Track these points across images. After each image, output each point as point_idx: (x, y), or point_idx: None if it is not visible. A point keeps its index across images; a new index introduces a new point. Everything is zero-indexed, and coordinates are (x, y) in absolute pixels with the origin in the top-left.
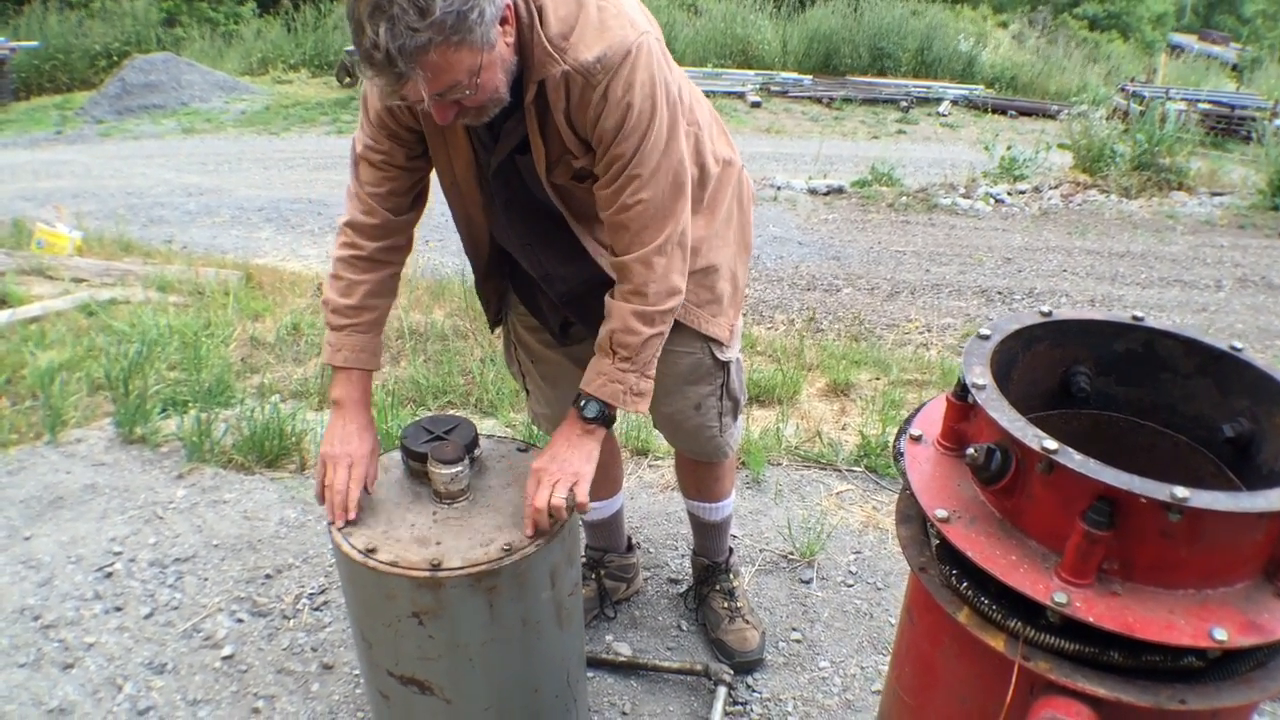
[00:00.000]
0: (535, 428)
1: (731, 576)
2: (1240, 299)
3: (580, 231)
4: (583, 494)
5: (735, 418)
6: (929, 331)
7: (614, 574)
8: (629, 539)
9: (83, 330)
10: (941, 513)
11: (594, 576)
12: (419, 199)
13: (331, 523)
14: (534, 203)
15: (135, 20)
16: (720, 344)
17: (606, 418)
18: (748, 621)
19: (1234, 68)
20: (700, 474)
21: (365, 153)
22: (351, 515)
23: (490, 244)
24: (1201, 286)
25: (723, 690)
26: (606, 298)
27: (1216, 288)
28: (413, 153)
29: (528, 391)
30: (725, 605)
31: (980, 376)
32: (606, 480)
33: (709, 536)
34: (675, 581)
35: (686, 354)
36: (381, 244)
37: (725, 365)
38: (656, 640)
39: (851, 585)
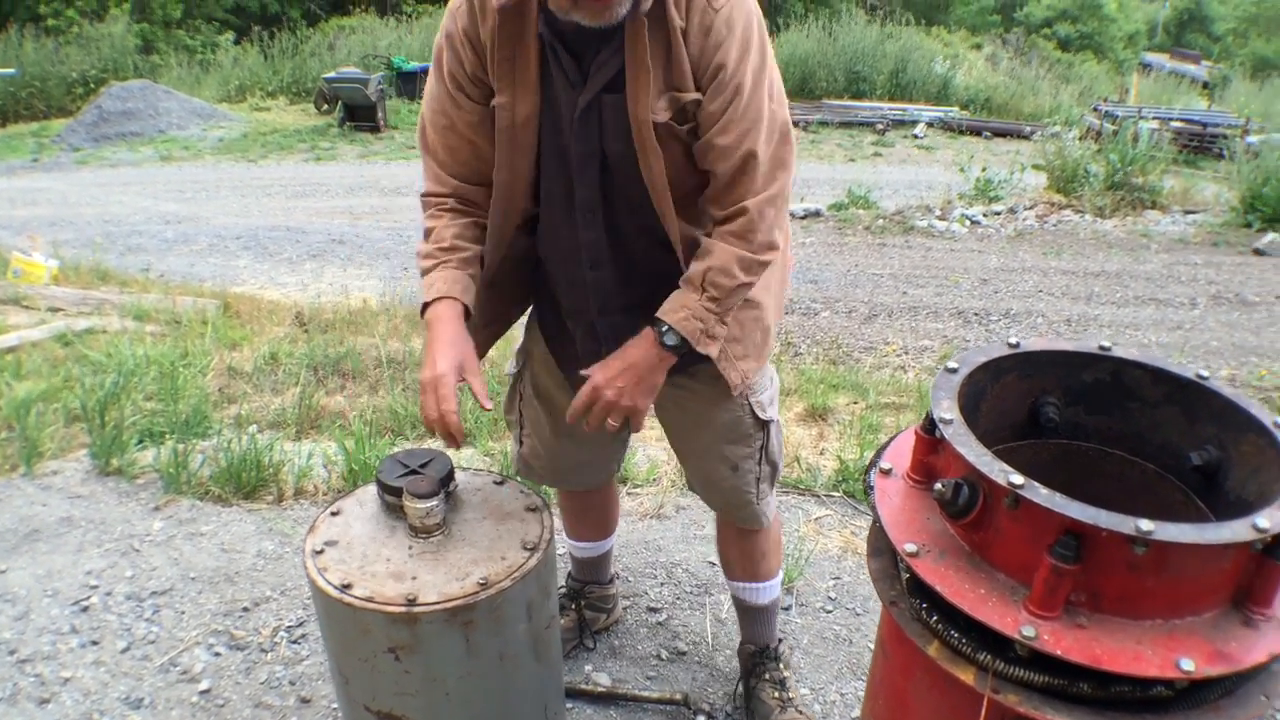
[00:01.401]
0: (513, 472)
1: (782, 666)
2: (1215, 316)
3: (656, 195)
4: (637, 427)
5: (772, 485)
6: (906, 354)
7: (594, 605)
8: (615, 574)
9: (59, 360)
10: (911, 547)
11: (574, 607)
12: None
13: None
14: (612, 156)
15: (112, 47)
16: (760, 402)
17: (681, 349)
18: (801, 713)
19: (1205, 85)
20: (745, 548)
21: (433, 118)
22: (458, 440)
23: (518, 226)
24: (1176, 304)
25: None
26: (705, 237)
27: (1191, 305)
28: (480, 117)
29: (520, 443)
30: (776, 696)
31: (947, 411)
32: (604, 523)
33: (757, 621)
34: (654, 610)
35: (723, 409)
36: (460, 200)
37: (766, 426)
38: (636, 670)
39: (830, 611)
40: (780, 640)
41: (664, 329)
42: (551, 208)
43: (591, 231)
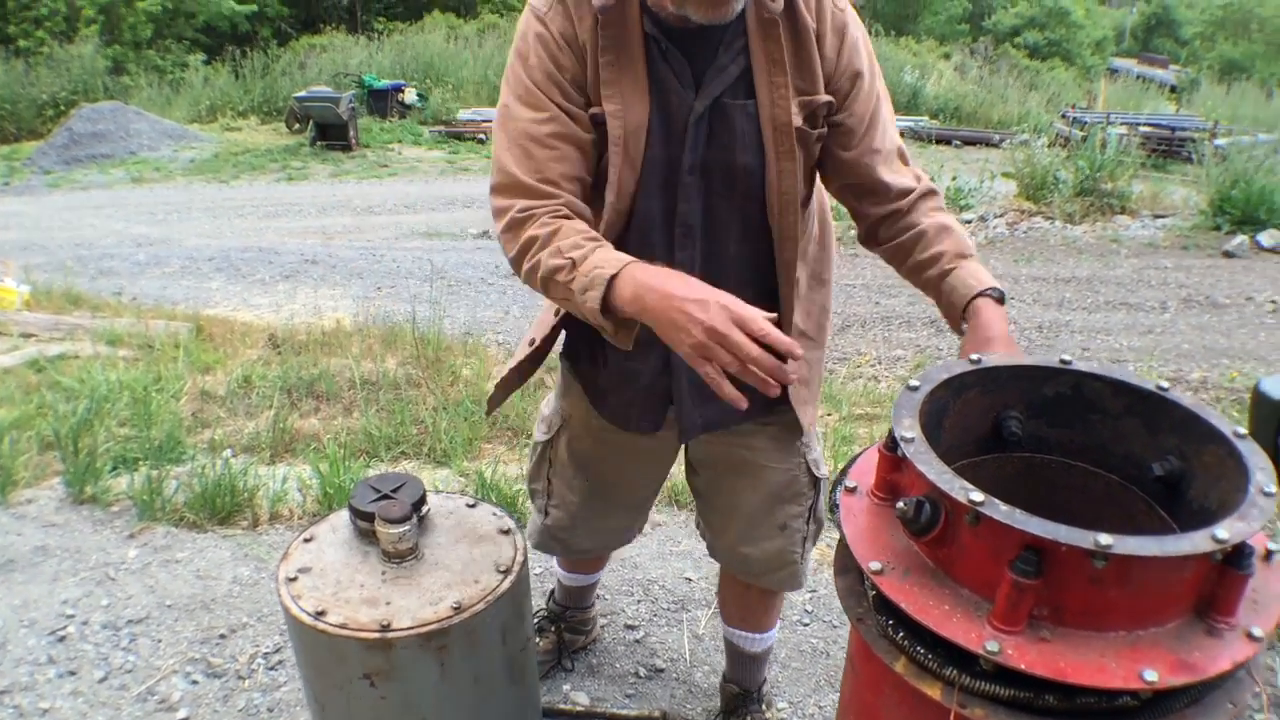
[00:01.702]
0: (531, 546)
1: (764, 707)
2: (1185, 319)
3: (782, 207)
4: None
5: (814, 544)
6: (879, 364)
7: (574, 627)
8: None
9: (32, 387)
10: (875, 565)
11: (554, 629)
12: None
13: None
14: (734, 167)
15: (82, 69)
16: (815, 459)
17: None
18: None
19: (1173, 89)
20: (752, 602)
21: (536, 128)
22: (799, 352)
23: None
24: (1147, 309)
25: None
26: (924, 219)
27: (1162, 309)
28: (586, 125)
29: (545, 514)
30: None
31: (909, 429)
32: (600, 560)
33: (747, 666)
34: (632, 627)
35: (782, 469)
36: (573, 211)
37: (818, 483)
38: (614, 688)
39: (807, 624)
40: (764, 680)
41: (990, 290)
42: (644, 226)
43: (686, 252)
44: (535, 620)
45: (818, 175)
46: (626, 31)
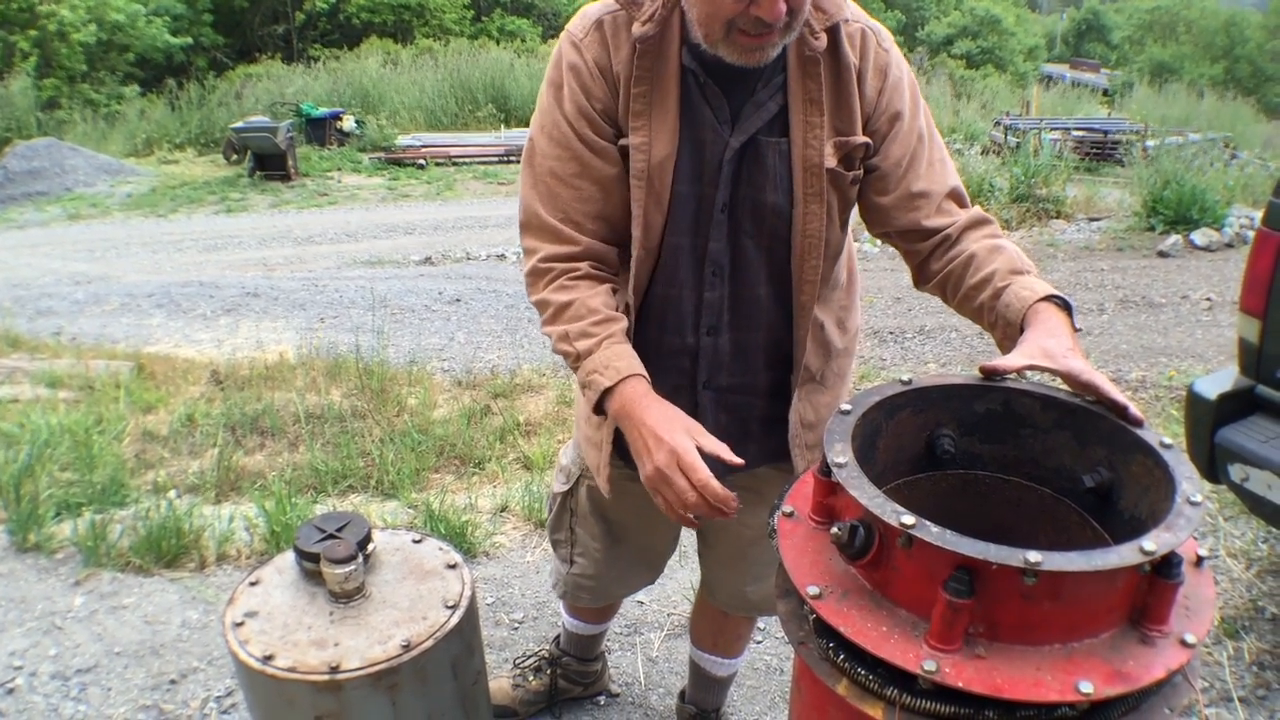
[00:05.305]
0: (559, 596)
1: None
2: (1123, 320)
3: (806, 249)
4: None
5: None
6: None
7: (570, 676)
8: (601, 651)
9: None
10: (814, 589)
11: (550, 672)
12: (624, 239)
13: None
14: (764, 206)
15: (15, 105)
16: None
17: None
18: None
19: (1105, 93)
20: (729, 629)
21: (559, 165)
22: (733, 506)
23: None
24: (1085, 311)
25: None
26: (974, 244)
27: (1100, 311)
28: (614, 160)
29: (571, 563)
30: None
31: (841, 454)
32: (609, 610)
33: (711, 689)
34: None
35: None
36: (594, 264)
37: None
38: (570, 715)
39: (761, 642)
40: (723, 703)
41: (1052, 296)
42: (672, 265)
43: (715, 291)
44: (532, 660)
45: (860, 223)
46: (664, 63)
